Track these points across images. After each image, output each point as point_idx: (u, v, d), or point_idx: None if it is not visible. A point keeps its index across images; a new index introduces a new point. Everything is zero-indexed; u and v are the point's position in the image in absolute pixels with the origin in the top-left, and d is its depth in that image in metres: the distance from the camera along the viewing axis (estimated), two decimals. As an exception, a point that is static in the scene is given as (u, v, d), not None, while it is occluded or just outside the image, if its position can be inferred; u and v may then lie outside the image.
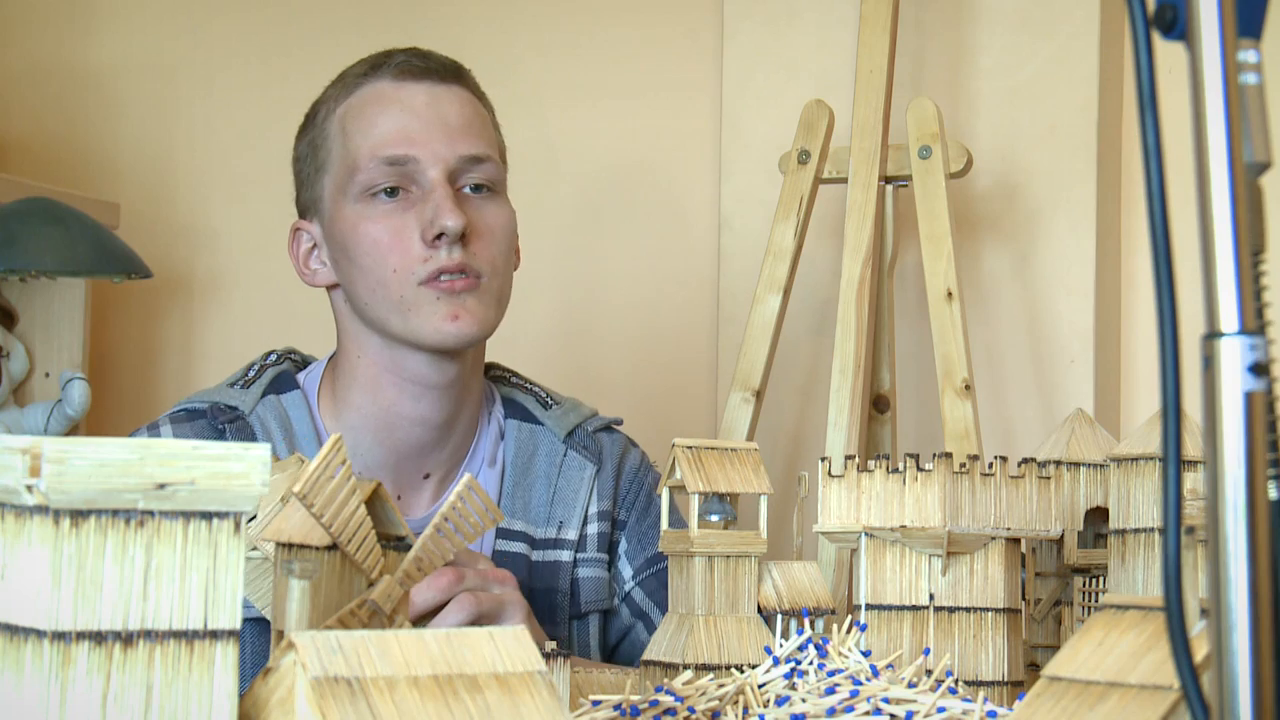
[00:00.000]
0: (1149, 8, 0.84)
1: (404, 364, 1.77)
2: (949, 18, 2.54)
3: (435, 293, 1.72)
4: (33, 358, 2.48)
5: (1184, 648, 0.83)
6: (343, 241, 1.76)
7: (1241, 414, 0.80)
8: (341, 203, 1.76)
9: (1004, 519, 1.43)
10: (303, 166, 1.82)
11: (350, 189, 1.75)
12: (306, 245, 1.82)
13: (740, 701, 1.20)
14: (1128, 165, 2.58)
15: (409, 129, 1.74)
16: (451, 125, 1.76)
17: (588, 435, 1.89)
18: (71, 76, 2.80)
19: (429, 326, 1.72)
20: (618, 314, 2.72)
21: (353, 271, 1.76)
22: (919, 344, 2.46)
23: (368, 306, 1.76)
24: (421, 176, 1.73)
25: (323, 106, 1.81)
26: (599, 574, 1.85)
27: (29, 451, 0.75)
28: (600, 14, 2.74)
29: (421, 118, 1.75)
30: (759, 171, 2.57)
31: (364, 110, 1.76)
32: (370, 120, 1.75)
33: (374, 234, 1.73)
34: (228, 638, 0.79)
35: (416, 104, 1.76)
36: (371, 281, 1.74)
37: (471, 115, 1.78)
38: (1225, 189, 0.81)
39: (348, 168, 1.75)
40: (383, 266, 1.73)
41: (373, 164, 1.73)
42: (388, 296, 1.73)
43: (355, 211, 1.75)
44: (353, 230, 1.75)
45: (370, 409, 1.78)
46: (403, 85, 1.76)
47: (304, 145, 1.82)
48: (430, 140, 1.74)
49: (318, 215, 1.80)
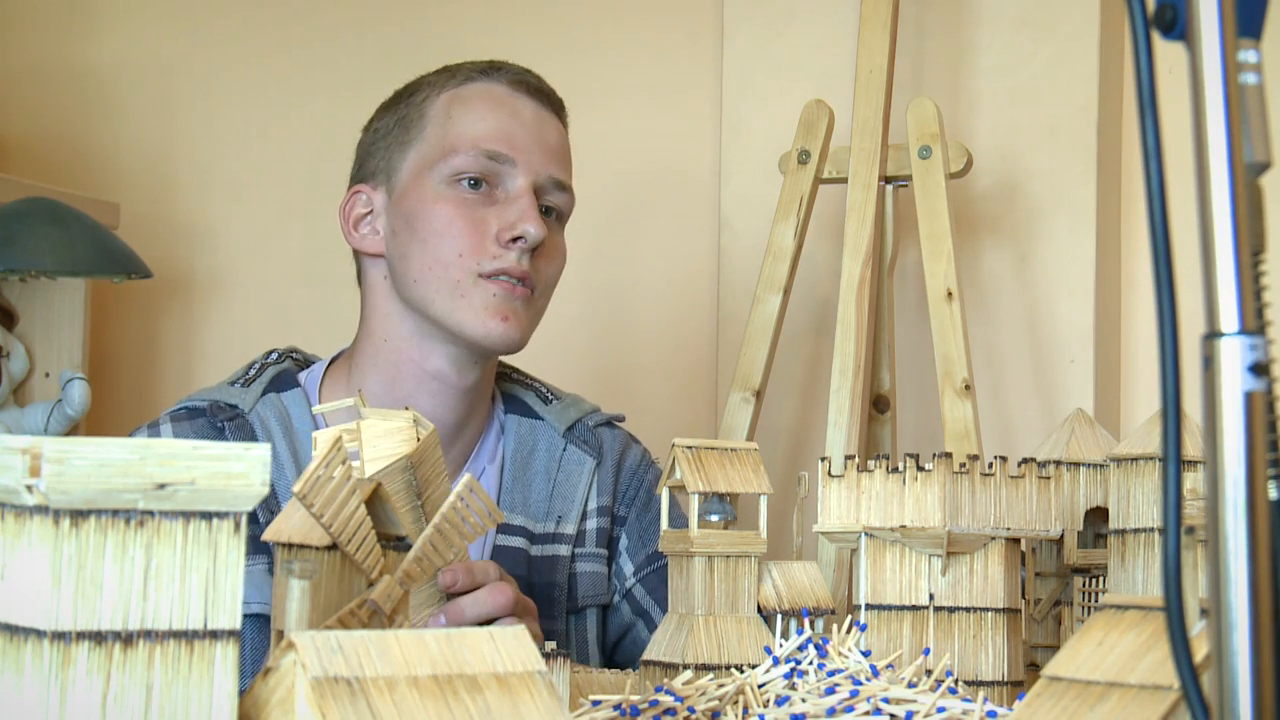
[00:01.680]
0: (1149, 8, 0.84)
1: (429, 358, 1.78)
2: (949, 18, 2.54)
3: (493, 289, 1.75)
4: (33, 358, 2.48)
5: (1184, 648, 0.83)
6: (412, 214, 1.78)
7: (1241, 414, 0.80)
8: (425, 178, 1.78)
9: (1004, 519, 1.43)
10: (380, 138, 1.85)
11: (440, 168, 1.78)
12: (362, 209, 1.84)
13: (740, 701, 1.20)
14: (1128, 165, 2.58)
15: (514, 133, 1.80)
16: (550, 146, 1.83)
17: (588, 430, 1.89)
18: (71, 76, 2.80)
19: (476, 319, 1.75)
20: (617, 314, 2.72)
21: (412, 245, 1.78)
22: (919, 344, 2.46)
23: (416, 284, 1.77)
24: (511, 180, 1.79)
25: (425, 89, 1.84)
26: (597, 569, 1.86)
27: (29, 451, 0.75)
28: (600, 15, 2.74)
29: (527, 128, 1.82)
30: (759, 171, 2.57)
31: (474, 102, 1.81)
32: (478, 112, 1.80)
33: (450, 215, 1.77)
34: (228, 638, 0.79)
35: (525, 115, 1.82)
36: (430, 259, 1.76)
37: (564, 146, 1.87)
38: (1225, 189, 0.81)
39: (444, 148, 1.79)
40: (449, 248, 1.75)
41: (472, 151, 1.78)
42: (445, 276, 1.75)
43: (436, 191, 1.78)
44: (430, 205, 1.77)
45: (386, 401, 1.78)
46: (515, 94, 1.83)
47: (389, 119, 1.85)
48: (529, 149, 1.80)
49: (387, 184, 1.82)
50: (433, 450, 1.22)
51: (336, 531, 1.09)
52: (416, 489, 1.20)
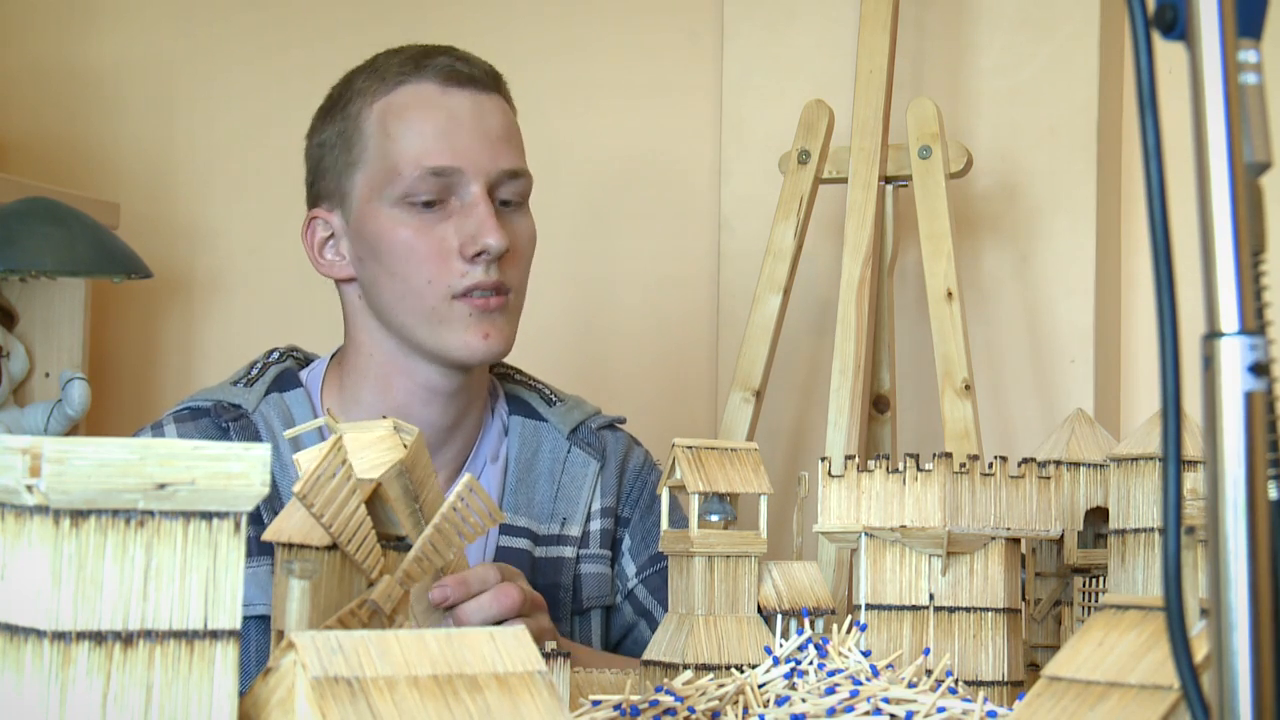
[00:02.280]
0: (1149, 8, 0.84)
1: (415, 369, 1.77)
2: (949, 18, 2.54)
3: (469, 308, 1.71)
4: (33, 358, 2.48)
5: (1184, 648, 0.83)
6: (373, 243, 1.74)
7: (1241, 414, 0.80)
8: (376, 204, 1.73)
9: (1004, 519, 1.43)
10: (327, 154, 1.78)
11: (388, 192, 1.72)
12: (323, 234, 1.79)
13: (740, 701, 1.20)
14: (1128, 165, 2.58)
15: (455, 139, 1.72)
16: (494, 137, 1.74)
17: (591, 432, 1.89)
18: (71, 76, 2.80)
19: (458, 341, 1.72)
20: (618, 314, 2.72)
21: (380, 275, 1.74)
22: (919, 344, 2.46)
23: (392, 311, 1.75)
24: (463, 189, 1.72)
25: (357, 98, 1.77)
26: (601, 570, 1.86)
27: (29, 451, 0.75)
28: (600, 15, 2.74)
29: (466, 128, 1.73)
30: (759, 171, 2.57)
31: (406, 113, 1.73)
32: (413, 125, 1.73)
33: (410, 242, 1.71)
34: (228, 638, 0.79)
35: (462, 113, 1.73)
36: (401, 289, 1.73)
37: (509, 126, 1.77)
38: (1225, 189, 0.81)
39: (387, 171, 1.72)
40: (417, 276, 1.71)
41: (416, 172, 1.71)
42: (420, 305, 1.72)
43: (391, 216, 1.73)
44: (388, 234, 1.72)
45: (379, 407, 1.78)
46: (447, 91, 1.74)
47: (330, 133, 1.78)
48: (474, 152, 1.72)
49: (342, 208, 1.77)
50: (422, 454, 1.22)
51: (336, 531, 1.09)
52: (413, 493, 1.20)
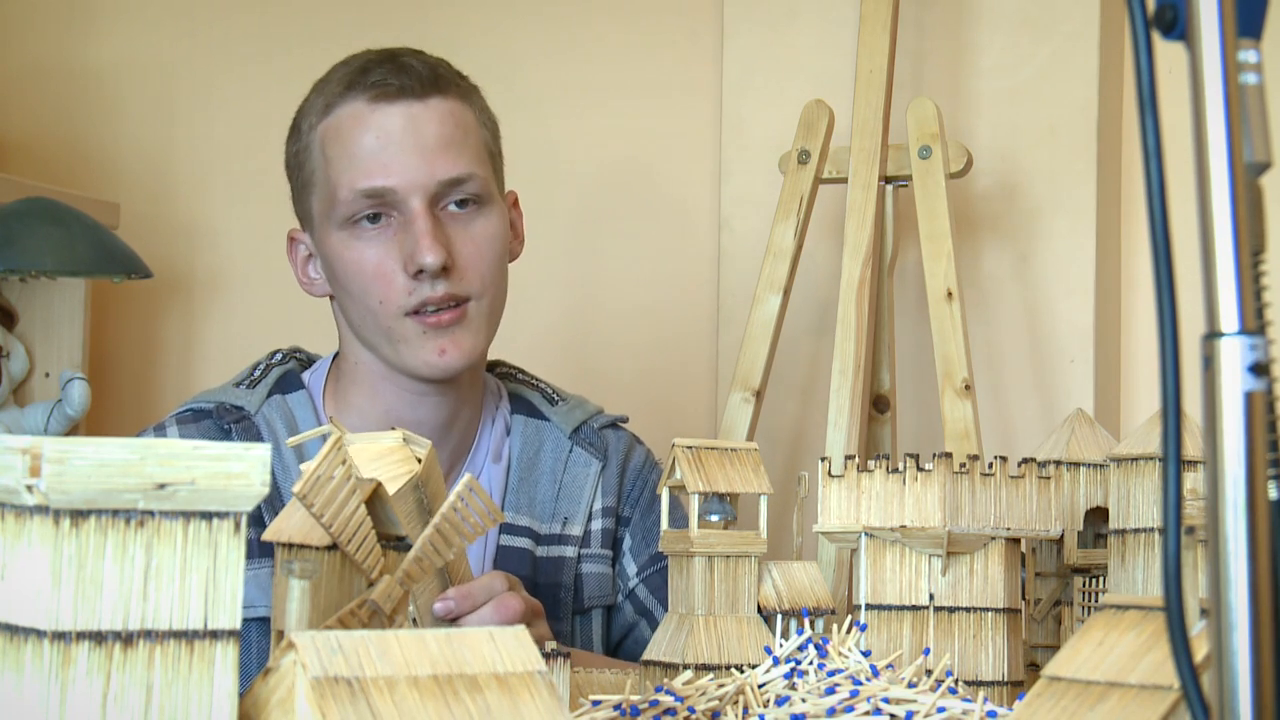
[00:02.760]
0: (1149, 8, 0.84)
1: (399, 378, 1.79)
2: (949, 18, 2.54)
3: (421, 326, 1.72)
4: (33, 358, 2.48)
5: (1184, 648, 0.83)
6: (330, 265, 1.77)
7: (1241, 414, 0.80)
8: (327, 227, 1.76)
9: (1004, 519, 1.43)
10: (293, 174, 1.82)
11: (333, 216, 1.74)
12: (303, 254, 1.83)
13: (740, 701, 1.20)
14: (1128, 165, 2.58)
15: (385, 158, 1.71)
16: (429, 148, 1.72)
17: (593, 432, 1.89)
18: (71, 76, 2.80)
19: (417, 359, 1.74)
20: (618, 314, 2.72)
21: (342, 296, 1.78)
22: (919, 344, 2.46)
23: (359, 329, 1.78)
24: (401, 205, 1.72)
25: (306, 118, 1.79)
26: (603, 569, 1.86)
27: (29, 451, 0.75)
28: (600, 15, 2.74)
29: (398, 143, 1.71)
30: (759, 171, 2.57)
31: (340, 135, 1.73)
32: (347, 148, 1.73)
33: (358, 263, 1.73)
34: (228, 638, 0.79)
35: (392, 129, 1.72)
36: (360, 308, 1.75)
37: (451, 130, 1.74)
38: (1225, 189, 0.81)
39: (329, 195, 1.74)
40: (369, 296, 1.73)
41: (351, 196, 1.72)
42: (377, 325, 1.74)
43: (339, 239, 1.74)
44: (339, 257, 1.75)
45: (371, 411, 1.79)
46: (377, 107, 1.72)
47: (291, 153, 1.81)
48: (407, 168, 1.71)
49: (310, 228, 1.80)
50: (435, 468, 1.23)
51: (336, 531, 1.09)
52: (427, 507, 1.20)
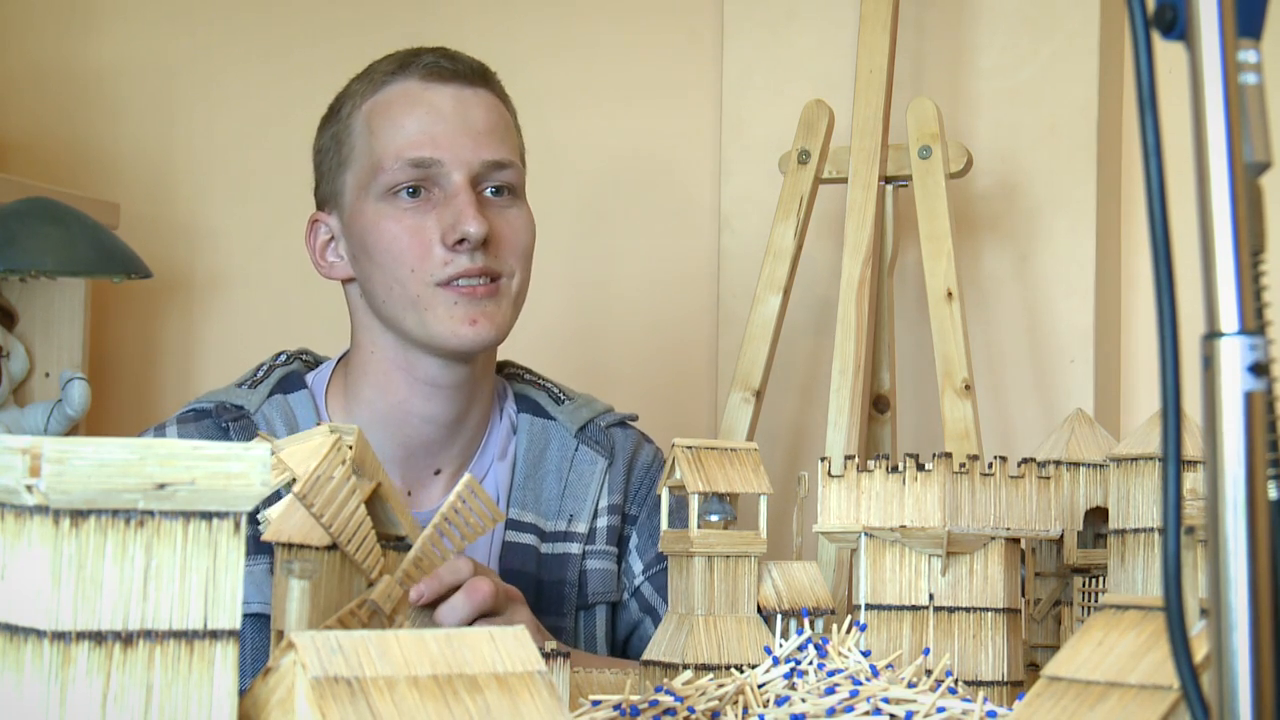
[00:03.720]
0: (1149, 8, 0.84)
1: (416, 364, 1.78)
2: (949, 18, 2.54)
3: (454, 296, 1.74)
4: (33, 358, 2.48)
5: (1184, 648, 0.83)
6: (362, 238, 1.77)
7: (1241, 414, 0.80)
8: (363, 199, 1.77)
9: (1004, 519, 1.43)
10: (324, 159, 1.83)
11: (373, 187, 1.76)
12: (324, 237, 1.83)
13: (740, 701, 1.20)
14: (1128, 165, 2.58)
15: (434, 131, 1.75)
16: (477, 129, 1.77)
17: (600, 430, 1.90)
18: (71, 76, 2.80)
19: (446, 329, 1.74)
20: (618, 314, 2.72)
21: (370, 268, 1.77)
22: (919, 344, 2.46)
23: (384, 304, 1.77)
24: (445, 179, 1.75)
25: (348, 101, 1.81)
26: (607, 566, 1.87)
27: (29, 451, 0.75)
28: (600, 14, 2.74)
29: (447, 120, 1.76)
30: (759, 171, 2.57)
31: (390, 109, 1.77)
32: (396, 120, 1.76)
33: (394, 232, 1.75)
34: (228, 638, 0.79)
35: (443, 106, 1.77)
36: (389, 279, 1.75)
37: (496, 120, 1.80)
38: (1225, 189, 0.81)
39: (372, 166, 1.76)
40: (400, 265, 1.74)
41: (397, 164, 1.74)
42: (405, 294, 1.75)
43: (376, 210, 1.76)
44: (373, 227, 1.76)
45: (381, 405, 1.80)
46: (430, 86, 1.77)
47: (326, 138, 1.83)
48: (455, 144, 1.75)
49: (338, 209, 1.81)
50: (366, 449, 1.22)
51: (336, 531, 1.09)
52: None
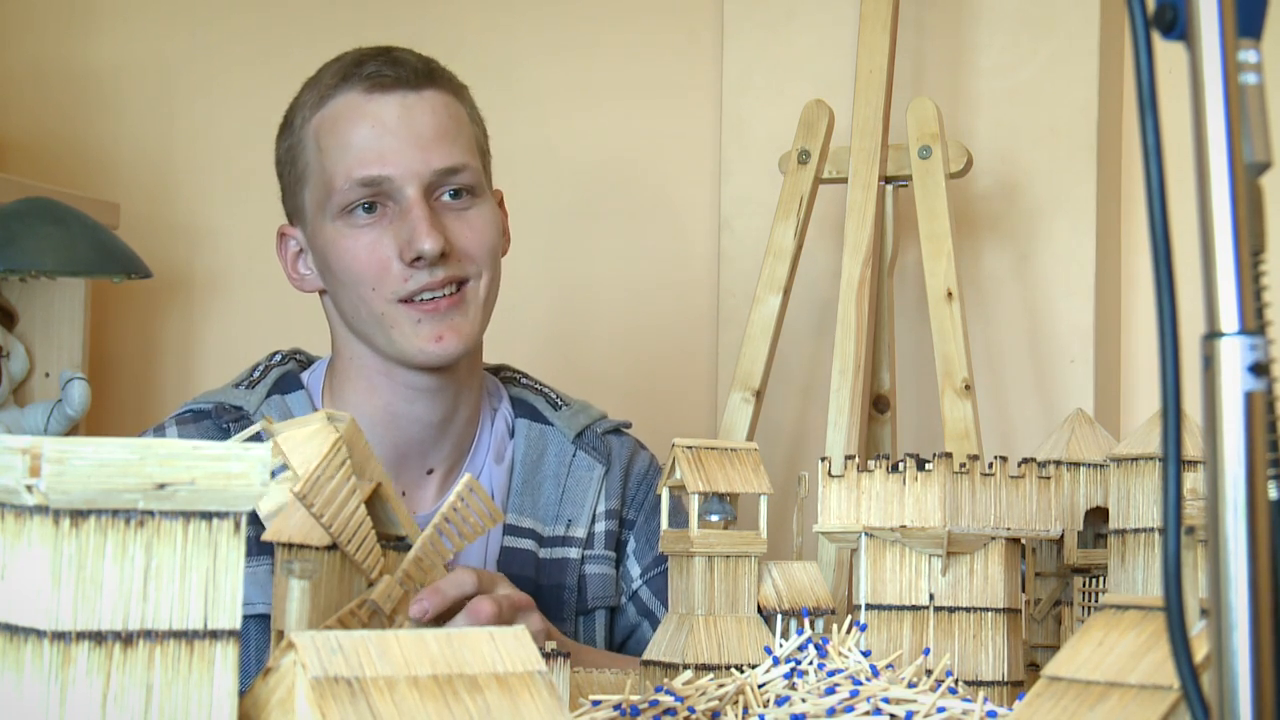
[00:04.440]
0: (1149, 8, 0.84)
1: (395, 371, 1.79)
2: (949, 18, 2.54)
3: (417, 314, 1.73)
4: (33, 358, 2.48)
5: (1184, 648, 0.83)
6: (324, 256, 1.77)
7: (1241, 414, 0.80)
8: (321, 218, 1.76)
9: (1004, 519, 1.43)
10: (284, 171, 1.82)
11: (329, 206, 1.75)
12: (294, 250, 1.83)
13: (740, 701, 1.20)
14: (1128, 165, 2.58)
15: (381, 147, 1.72)
16: (425, 137, 1.73)
17: (597, 437, 1.90)
18: (71, 76, 2.80)
19: (412, 346, 1.74)
20: (618, 314, 2.72)
21: (336, 287, 1.78)
22: (919, 344, 2.46)
23: (353, 320, 1.78)
24: (397, 194, 1.73)
25: (299, 113, 1.80)
26: (606, 571, 1.87)
27: (29, 451, 0.75)
28: (600, 14, 2.74)
29: (394, 133, 1.73)
30: (759, 171, 2.57)
31: (336, 126, 1.75)
32: (342, 138, 1.74)
33: (352, 251, 1.74)
34: (228, 638, 0.79)
35: (388, 118, 1.73)
36: (353, 297, 1.75)
37: (445, 121, 1.76)
38: (1225, 189, 0.81)
39: (325, 185, 1.75)
40: (361, 284, 1.74)
41: (347, 185, 1.73)
42: (370, 312, 1.74)
43: (334, 229, 1.75)
44: (333, 246, 1.75)
45: (368, 408, 1.79)
46: (372, 98, 1.74)
47: (283, 150, 1.82)
48: (403, 156, 1.72)
49: (302, 223, 1.81)
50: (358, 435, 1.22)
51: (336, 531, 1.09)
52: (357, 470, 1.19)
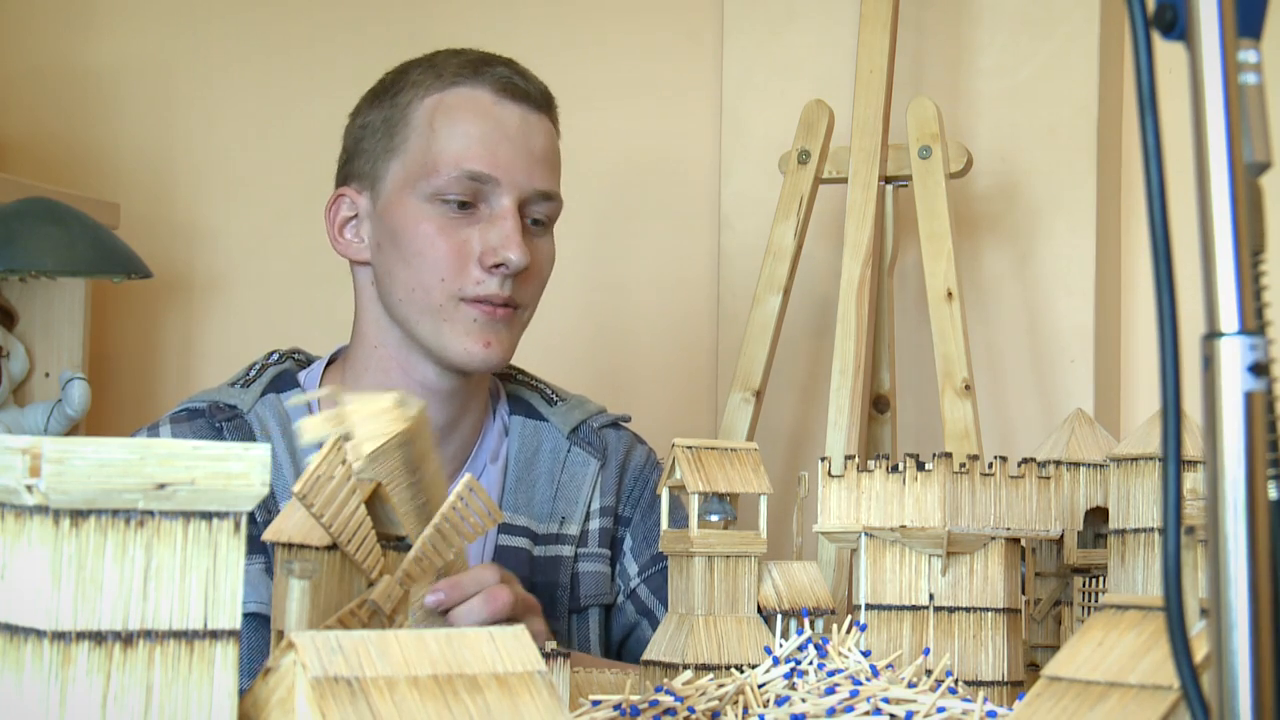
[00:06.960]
0: (1149, 8, 0.84)
1: (414, 366, 1.78)
2: (949, 18, 2.54)
3: (475, 313, 1.73)
4: (33, 358, 2.48)
5: (1184, 648, 0.83)
6: (396, 231, 1.75)
7: (1241, 414, 0.80)
8: (406, 193, 1.75)
9: (1004, 519, 1.43)
10: (368, 137, 1.79)
11: (422, 185, 1.74)
12: (348, 213, 1.80)
13: (740, 701, 1.20)
14: (1128, 165, 2.58)
15: (498, 148, 1.74)
16: (535, 155, 1.76)
17: (592, 432, 1.89)
18: (71, 76, 2.80)
19: (459, 345, 1.73)
20: (617, 314, 2.72)
21: (396, 264, 1.75)
22: (919, 344, 2.46)
23: (400, 303, 1.76)
24: (494, 198, 1.74)
25: (409, 89, 1.78)
26: (600, 569, 1.86)
27: (29, 451, 0.75)
28: (601, 15, 2.74)
29: (511, 140, 1.75)
30: (759, 171, 2.57)
31: (457, 113, 1.75)
32: (463, 126, 1.74)
33: (432, 237, 1.73)
34: (228, 638, 0.79)
35: (510, 125, 1.75)
36: (412, 281, 1.74)
37: (551, 150, 1.80)
38: (1225, 189, 0.81)
39: (426, 165, 1.74)
40: (431, 272, 1.73)
41: (453, 172, 1.72)
42: (427, 300, 1.73)
43: (419, 209, 1.74)
44: (413, 225, 1.74)
45: None
46: (500, 101, 1.76)
47: (375, 116, 1.79)
48: (513, 166, 1.74)
49: (371, 191, 1.78)
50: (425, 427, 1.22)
51: (336, 531, 1.09)
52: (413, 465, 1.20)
